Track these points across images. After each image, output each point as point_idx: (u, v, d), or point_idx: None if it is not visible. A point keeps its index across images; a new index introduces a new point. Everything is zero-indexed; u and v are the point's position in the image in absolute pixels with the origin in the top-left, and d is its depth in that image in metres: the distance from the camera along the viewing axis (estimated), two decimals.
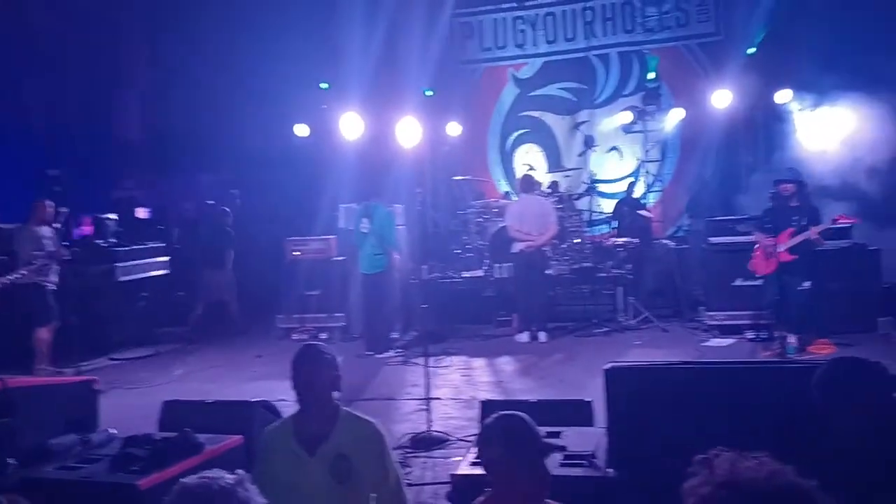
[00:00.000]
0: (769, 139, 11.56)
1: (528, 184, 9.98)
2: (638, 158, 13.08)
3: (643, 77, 13.01)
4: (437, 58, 12.55)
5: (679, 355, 7.40)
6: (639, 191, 12.31)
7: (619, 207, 11.74)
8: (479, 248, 11.03)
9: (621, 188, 12.60)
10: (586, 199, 12.01)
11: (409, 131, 10.08)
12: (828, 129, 10.09)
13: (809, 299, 7.72)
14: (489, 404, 4.34)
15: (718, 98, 11.36)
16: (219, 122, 11.64)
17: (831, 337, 7.69)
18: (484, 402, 4.70)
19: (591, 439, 3.79)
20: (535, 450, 2.49)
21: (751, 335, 8.51)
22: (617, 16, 13.22)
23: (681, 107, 12.37)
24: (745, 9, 11.58)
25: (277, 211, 12.05)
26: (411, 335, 9.47)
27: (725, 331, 8.85)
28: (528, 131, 13.87)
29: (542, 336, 9.31)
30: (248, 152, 12.27)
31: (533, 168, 11.28)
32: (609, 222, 12.04)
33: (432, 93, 12.69)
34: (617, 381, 3.86)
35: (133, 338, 10.11)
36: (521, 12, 13.57)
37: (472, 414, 5.74)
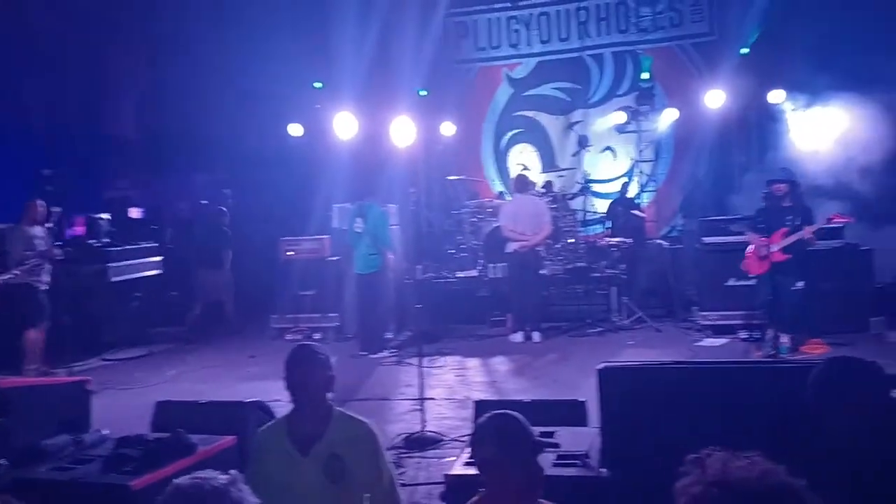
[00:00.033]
0: (762, 139, 11.59)
1: (522, 184, 10.00)
2: (632, 158, 13.10)
3: (637, 77, 13.02)
4: (432, 57, 12.54)
5: (672, 355, 7.42)
6: (633, 191, 12.33)
7: (613, 207, 11.75)
8: (474, 248, 11.03)
9: (615, 188, 12.63)
10: (580, 199, 12.04)
11: (404, 131, 10.07)
12: (821, 129, 10.11)
13: (802, 299, 7.75)
14: (483, 404, 4.35)
15: (712, 98, 11.38)
16: (213, 122, 11.60)
17: (824, 337, 7.73)
18: (478, 402, 4.72)
19: (585, 439, 3.80)
20: (529, 449, 2.50)
21: (744, 335, 8.54)
22: (611, 16, 13.23)
23: (674, 107, 12.38)
24: (739, 9, 11.61)
25: (271, 211, 12.02)
26: (405, 335, 9.47)
27: (718, 331, 8.87)
28: (523, 131, 13.88)
29: (536, 336, 9.32)
30: (242, 152, 12.25)
31: (527, 168, 11.29)
32: (603, 222, 12.06)
33: (426, 92, 12.68)
34: (610, 380, 3.87)
35: (126, 338, 10.08)
36: (515, 12, 13.57)
37: (466, 414, 5.75)
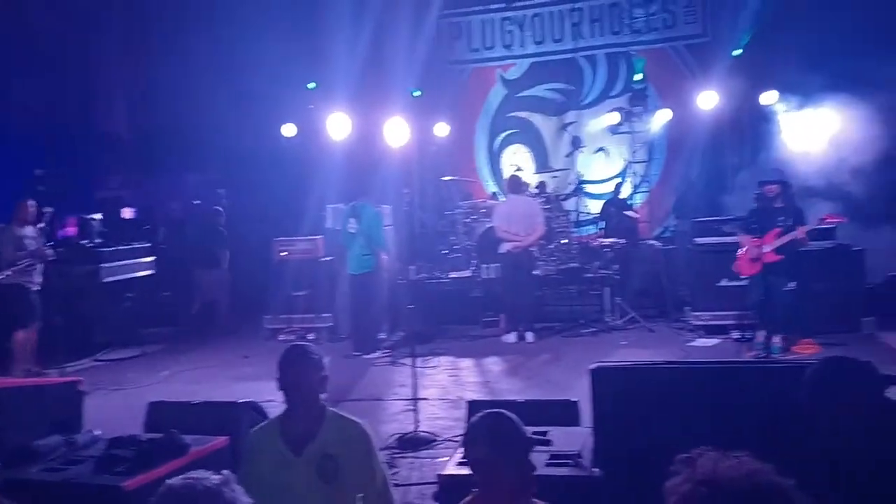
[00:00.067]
0: (755, 140, 11.62)
1: (515, 184, 10.01)
2: (625, 159, 13.13)
3: (630, 78, 13.06)
4: (425, 58, 12.54)
5: (665, 355, 7.44)
6: (626, 191, 12.36)
7: (607, 208, 11.78)
8: (467, 249, 11.04)
9: (608, 189, 12.65)
10: (573, 200, 12.06)
11: (397, 131, 10.08)
12: (813, 129, 10.15)
13: (794, 299, 7.78)
14: (476, 404, 4.35)
15: (704, 99, 11.40)
16: (205, 122, 11.57)
17: (815, 337, 7.76)
18: (471, 402, 4.71)
19: (578, 439, 3.81)
20: (522, 448, 2.50)
21: (736, 335, 8.56)
22: (604, 17, 13.26)
23: (668, 108, 12.41)
24: (732, 11, 11.65)
25: (265, 211, 12.01)
26: (399, 336, 9.46)
27: (711, 331, 8.89)
28: (516, 132, 13.89)
29: (530, 336, 9.33)
30: (235, 152, 12.22)
31: (521, 169, 11.30)
32: (596, 223, 12.08)
33: (420, 93, 12.68)
34: (603, 380, 3.88)
35: (119, 338, 10.05)
36: (508, 13, 13.59)
37: (459, 414, 5.75)
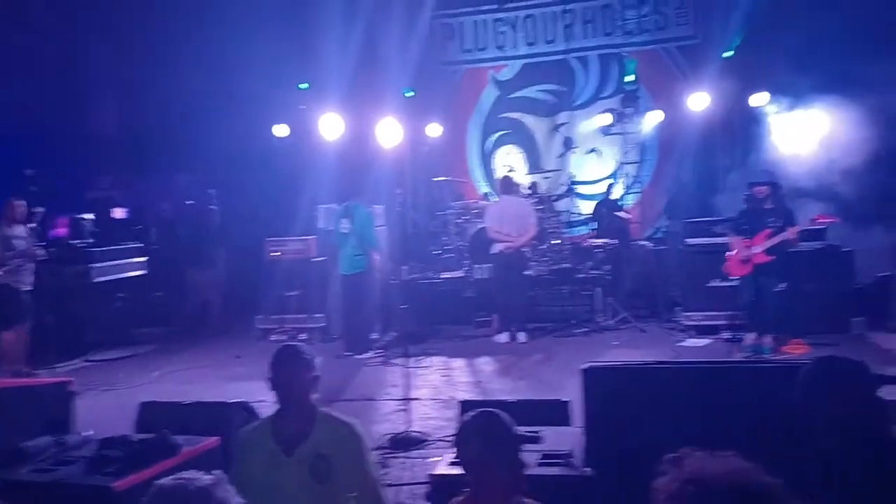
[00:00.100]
0: (745, 141, 11.66)
1: (507, 185, 10.03)
2: (617, 160, 13.16)
3: (622, 79, 13.09)
4: (418, 58, 12.53)
5: (656, 355, 7.46)
6: (617, 192, 12.39)
7: (599, 209, 11.81)
8: (459, 249, 11.05)
9: (600, 190, 12.67)
10: (565, 201, 12.07)
11: (390, 132, 10.09)
12: (803, 131, 10.19)
13: (784, 300, 7.81)
14: (468, 404, 4.36)
15: (696, 101, 11.42)
16: (196, 123, 11.54)
17: (805, 337, 7.79)
18: (463, 402, 4.72)
19: (569, 439, 3.82)
20: (513, 447, 2.51)
21: (726, 335, 8.60)
22: (596, 18, 13.28)
23: (659, 109, 12.44)
24: (723, 13, 11.68)
25: (256, 211, 11.98)
26: (391, 336, 9.45)
27: (702, 331, 8.92)
28: (508, 133, 13.90)
29: (522, 336, 9.34)
30: (226, 153, 12.18)
31: (513, 169, 11.31)
32: (587, 223, 12.11)
33: (413, 93, 12.68)
34: (594, 380, 3.90)
35: (110, 339, 10.02)
36: (501, 14, 13.60)
37: (451, 414, 5.75)
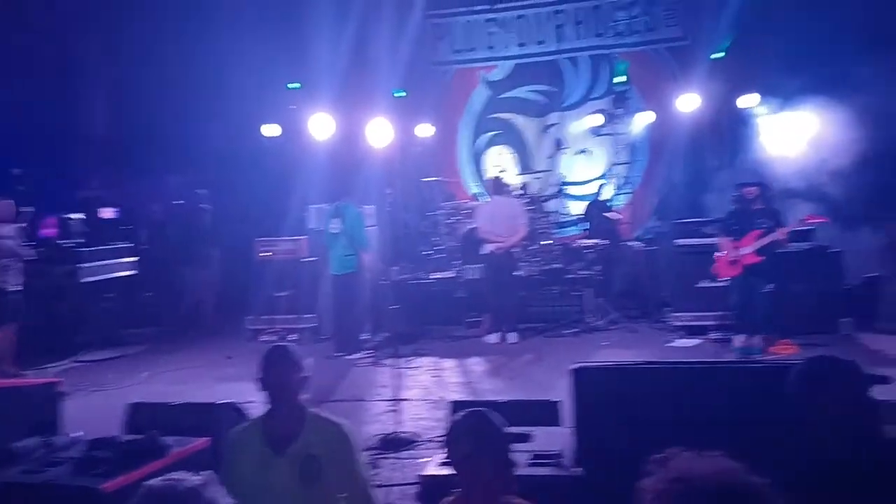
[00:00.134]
0: (735, 142, 11.70)
1: (498, 185, 10.04)
2: (607, 161, 13.19)
3: (612, 80, 13.11)
4: (409, 59, 12.52)
5: (646, 356, 7.47)
6: (608, 193, 12.43)
7: (590, 209, 11.83)
8: (450, 250, 11.05)
9: (591, 190, 12.70)
10: (556, 201, 12.09)
11: (380, 132, 10.09)
12: (792, 132, 10.24)
13: (773, 300, 7.85)
14: (459, 405, 4.36)
15: (685, 102, 11.44)
16: (186, 122, 11.50)
17: (794, 338, 7.82)
18: (453, 402, 4.73)
19: (559, 439, 3.83)
20: (503, 446, 2.52)
21: (715, 336, 8.63)
22: (587, 19, 13.30)
23: (650, 110, 12.46)
24: (713, 14, 11.72)
25: (246, 211, 11.95)
26: (381, 336, 9.45)
27: (691, 331, 8.95)
28: (499, 133, 13.91)
29: (512, 337, 9.35)
30: (216, 152, 12.15)
31: (504, 170, 11.32)
32: (577, 224, 12.13)
33: (405, 93, 12.66)
34: (583, 381, 3.91)
35: (99, 339, 9.97)
36: (492, 15, 13.59)
37: (441, 415, 5.74)
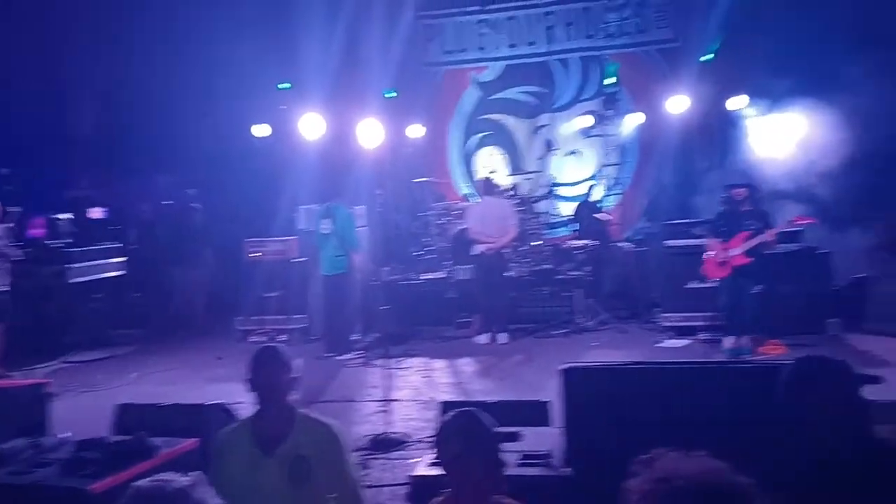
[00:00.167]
0: (724, 143, 11.76)
1: (489, 186, 10.06)
2: (597, 162, 13.23)
3: (603, 82, 13.15)
4: (399, 59, 12.51)
5: (636, 356, 7.49)
6: (598, 194, 12.46)
7: (580, 210, 11.86)
8: (440, 250, 11.05)
9: (581, 191, 12.72)
10: (546, 202, 12.11)
11: (371, 132, 10.08)
12: (781, 133, 10.29)
13: (761, 301, 7.89)
14: (449, 405, 4.37)
15: (675, 103, 11.47)
16: (176, 122, 11.45)
17: (782, 338, 7.86)
18: (443, 403, 4.73)
19: (549, 439, 3.84)
20: (493, 446, 2.52)
21: (705, 336, 8.67)
22: (578, 21, 13.32)
23: (640, 111, 12.49)
24: (703, 16, 11.77)
25: (236, 212, 11.91)
26: (372, 337, 9.44)
27: (681, 332, 8.98)
28: (490, 134, 13.93)
29: (502, 337, 9.36)
30: (206, 152, 12.11)
31: (494, 171, 11.33)
32: (568, 225, 12.16)
33: (395, 94, 12.65)
34: (573, 381, 3.93)
35: (88, 340, 9.92)
36: (483, 16, 13.60)
37: (431, 415, 5.74)
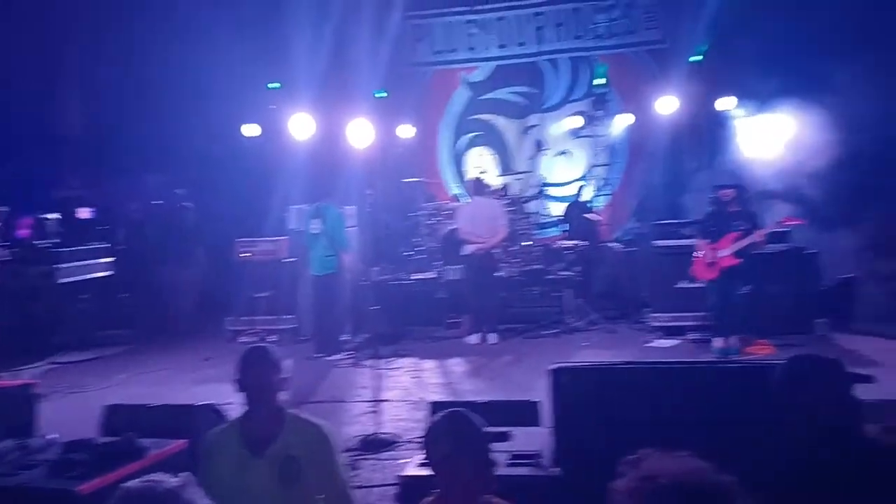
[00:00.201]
0: (713, 144, 11.80)
1: (479, 186, 10.07)
2: (587, 163, 13.26)
3: (592, 82, 13.19)
4: (389, 59, 12.50)
5: (625, 356, 7.53)
6: (588, 194, 12.49)
7: (570, 210, 11.89)
8: (431, 250, 11.05)
9: (571, 191, 12.75)
10: (536, 202, 12.14)
11: (361, 132, 10.06)
12: (769, 134, 10.34)
13: (750, 301, 7.93)
14: (438, 406, 4.37)
15: (664, 104, 11.50)
16: (165, 122, 11.40)
17: (770, 338, 7.91)
18: (433, 403, 4.74)
19: (538, 439, 3.85)
20: (482, 446, 2.53)
21: (694, 336, 8.70)
22: (567, 22, 13.34)
23: (630, 112, 12.53)
24: (691, 18, 11.81)
25: (227, 212, 11.87)
26: (362, 337, 9.42)
27: (670, 332, 9.01)
28: (480, 134, 13.94)
29: (493, 337, 9.37)
30: (196, 152, 12.06)
31: (484, 171, 11.34)
32: (558, 225, 12.18)
33: (385, 94, 12.64)
34: (562, 381, 3.94)
35: (76, 340, 9.86)
36: (472, 16, 13.60)
37: (421, 416, 5.75)
